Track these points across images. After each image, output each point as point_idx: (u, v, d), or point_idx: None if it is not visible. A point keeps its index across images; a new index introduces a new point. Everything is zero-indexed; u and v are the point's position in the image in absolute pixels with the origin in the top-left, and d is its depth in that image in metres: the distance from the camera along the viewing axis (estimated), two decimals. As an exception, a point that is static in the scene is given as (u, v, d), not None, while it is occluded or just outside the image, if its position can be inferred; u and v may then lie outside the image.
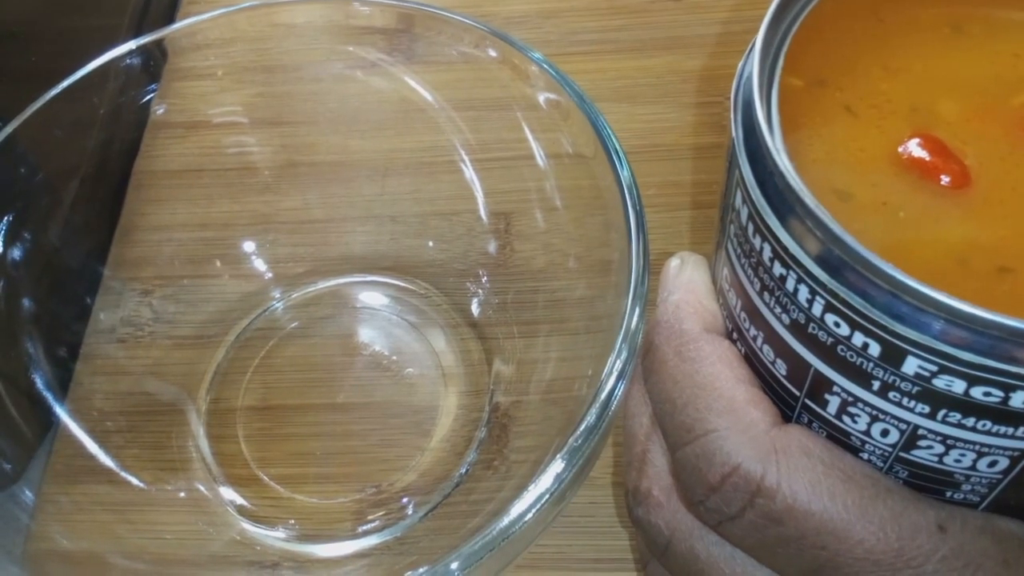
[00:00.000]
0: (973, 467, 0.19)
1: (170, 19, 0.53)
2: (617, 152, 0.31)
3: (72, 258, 0.41)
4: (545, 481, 0.27)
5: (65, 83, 0.36)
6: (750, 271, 0.20)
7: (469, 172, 0.40)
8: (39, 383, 0.37)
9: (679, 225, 0.42)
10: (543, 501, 0.27)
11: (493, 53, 0.36)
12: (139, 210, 0.43)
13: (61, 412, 0.38)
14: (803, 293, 0.18)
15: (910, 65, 0.21)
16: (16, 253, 0.37)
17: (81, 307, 0.41)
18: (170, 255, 0.42)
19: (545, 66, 0.34)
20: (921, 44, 0.22)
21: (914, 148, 0.20)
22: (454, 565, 0.26)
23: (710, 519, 0.21)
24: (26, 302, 0.37)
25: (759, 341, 0.21)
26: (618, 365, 0.28)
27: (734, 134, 0.19)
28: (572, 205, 0.37)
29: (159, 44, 0.39)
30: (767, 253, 0.19)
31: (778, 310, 0.19)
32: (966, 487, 0.19)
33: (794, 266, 0.18)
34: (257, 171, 0.42)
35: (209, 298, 0.42)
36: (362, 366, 0.40)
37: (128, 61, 0.38)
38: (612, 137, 0.32)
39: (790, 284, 0.18)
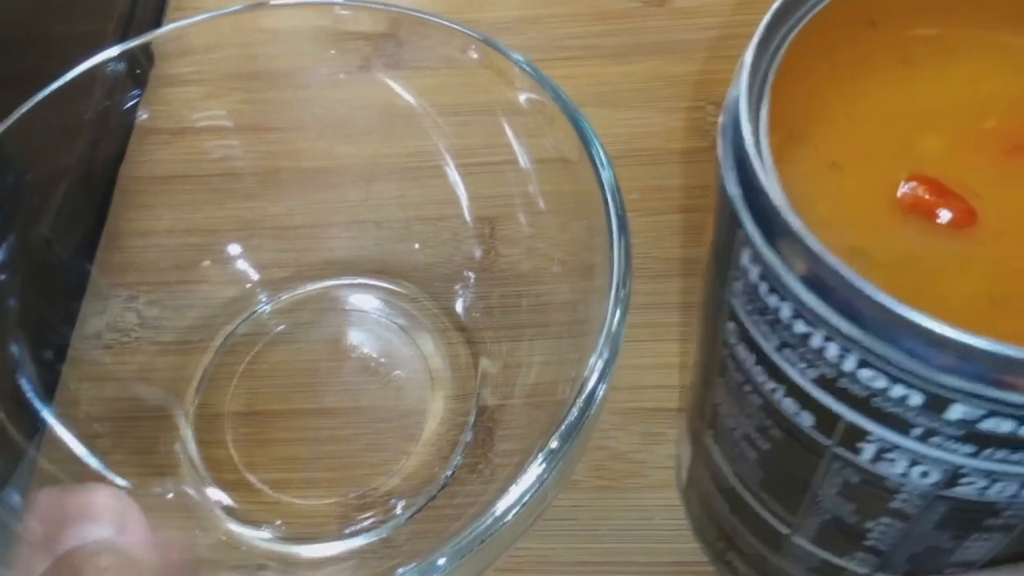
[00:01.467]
0: (1016, 495, 0.18)
1: (156, 24, 0.53)
2: (600, 156, 0.32)
3: (58, 263, 0.41)
4: (526, 482, 0.27)
5: (51, 88, 0.36)
6: (765, 327, 0.19)
7: (454, 176, 0.41)
8: (25, 387, 0.37)
9: (662, 229, 0.42)
10: (523, 502, 0.27)
11: (478, 58, 0.36)
12: (125, 215, 0.43)
13: (48, 416, 0.38)
14: (832, 350, 0.18)
15: (874, 108, 0.21)
16: (2, 257, 0.37)
17: (67, 311, 0.41)
18: (156, 260, 0.42)
19: (529, 71, 0.34)
20: (877, 84, 0.21)
21: (912, 192, 0.19)
22: (440, 562, 0.26)
23: None
24: (13, 305, 0.37)
25: (779, 395, 0.20)
26: (599, 366, 0.28)
27: (731, 192, 0.19)
28: (556, 209, 0.37)
29: (145, 49, 0.39)
30: (786, 312, 0.18)
31: (802, 366, 0.19)
32: (1007, 513, 0.19)
33: (821, 325, 0.17)
34: (242, 177, 0.42)
35: (195, 303, 0.42)
36: (349, 370, 0.40)
37: (114, 66, 0.38)
38: (596, 141, 0.32)
39: (816, 341, 0.18)
